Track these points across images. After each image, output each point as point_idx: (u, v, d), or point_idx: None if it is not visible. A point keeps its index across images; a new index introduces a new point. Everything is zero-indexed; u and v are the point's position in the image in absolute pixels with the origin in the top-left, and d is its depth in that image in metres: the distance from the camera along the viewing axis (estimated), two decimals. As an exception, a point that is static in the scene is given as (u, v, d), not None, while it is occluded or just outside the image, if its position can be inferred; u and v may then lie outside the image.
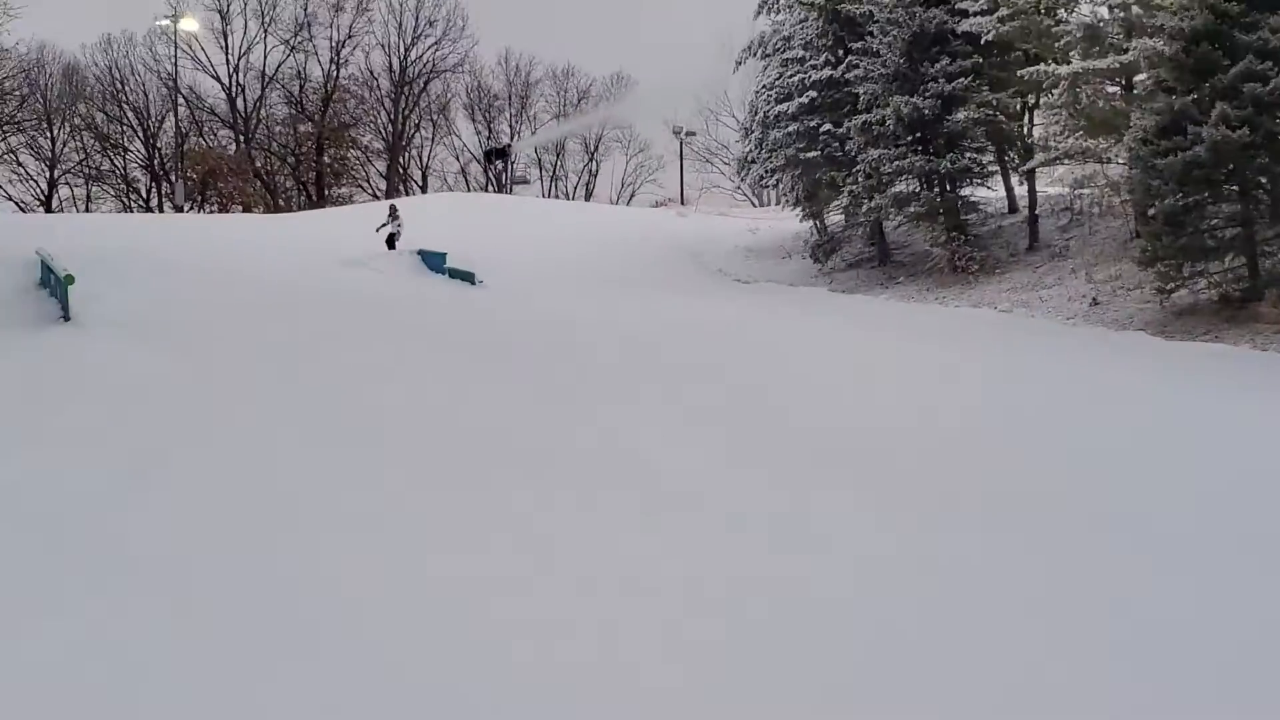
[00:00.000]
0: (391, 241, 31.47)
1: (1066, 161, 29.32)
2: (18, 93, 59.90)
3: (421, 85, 67.72)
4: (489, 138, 68.86)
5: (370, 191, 65.39)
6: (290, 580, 7.76)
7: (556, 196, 68.11)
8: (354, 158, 67.23)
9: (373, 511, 9.22)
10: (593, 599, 7.60)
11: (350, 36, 66.21)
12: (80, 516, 9.04)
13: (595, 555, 8.45)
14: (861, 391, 15.19)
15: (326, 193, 64.51)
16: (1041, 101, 30.51)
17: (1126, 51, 26.47)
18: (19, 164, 60.85)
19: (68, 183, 62.19)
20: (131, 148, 64.01)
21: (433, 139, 69.22)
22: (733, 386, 15.00)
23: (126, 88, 63.52)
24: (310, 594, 7.53)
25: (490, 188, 64.86)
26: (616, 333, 19.53)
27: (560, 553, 8.49)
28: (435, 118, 68.87)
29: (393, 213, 32.41)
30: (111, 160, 63.59)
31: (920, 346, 19.59)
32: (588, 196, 69.44)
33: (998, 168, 32.54)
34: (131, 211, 59.78)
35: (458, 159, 69.55)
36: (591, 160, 71.18)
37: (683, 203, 61.83)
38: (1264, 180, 22.37)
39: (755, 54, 39.84)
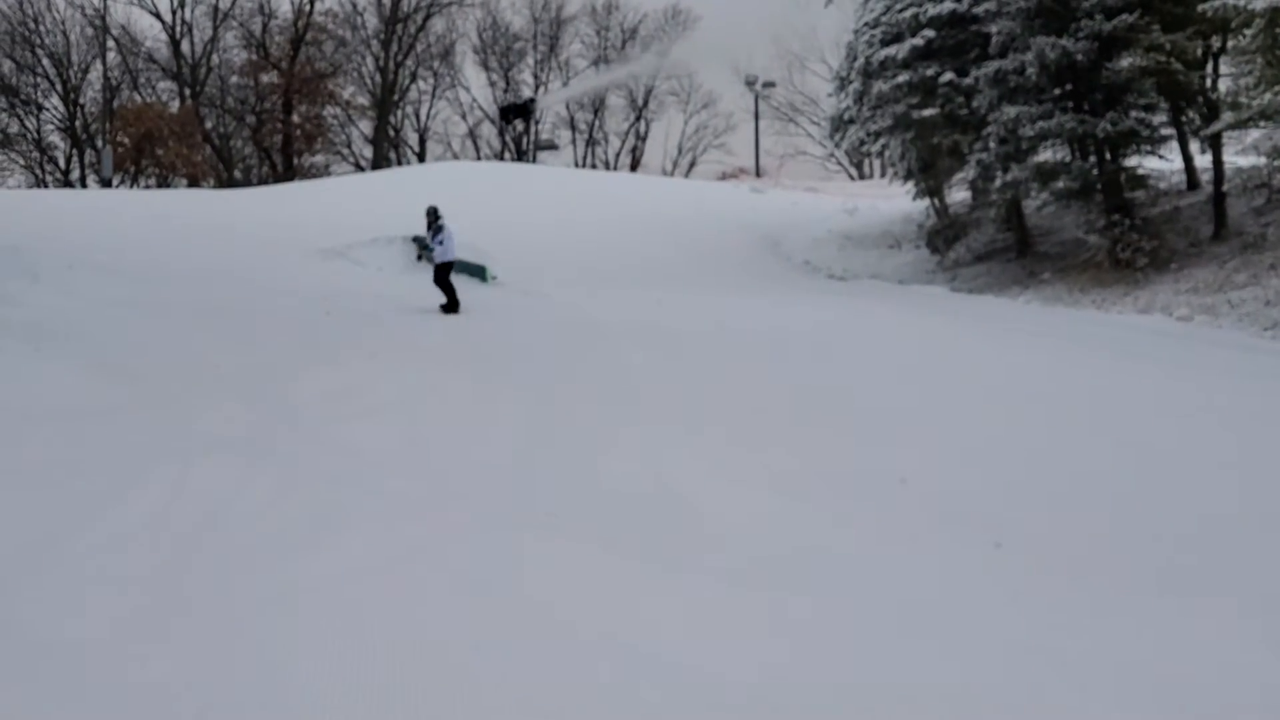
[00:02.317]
0: (424, 247, 28.30)
1: (1263, 124, 29.14)
2: (-98, 33, 60.76)
3: (419, 23, 68.22)
4: (506, 91, 69.27)
5: (353, 161, 66.19)
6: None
7: (593, 166, 68.40)
8: (332, 116, 67.71)
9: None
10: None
11: (327, -39, 66.70)
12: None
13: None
14: (1007, 439, 15.14)
15: (296, 161, 65.02)
16: (1230, 45, 30.39)
17: (1343, -22, 26.36)
18: (-97, 125, 61.72)
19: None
20: (47, 105, 65.00)
21: (433, 93, 69.91)
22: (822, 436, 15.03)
23: (41, 28, 64.39)
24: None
25: (508, 155, 65.35)
26: (674, 366, 19.46)
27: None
28: (436, 65, 69.49)
29: (433, 219, 24.09)
30: (22, 121, 64.48)
31: (1075, 369, 19.48)
32: (634, 166, 69.76)
33: (1173, 131, 32.36)
34: (46, 186, 60.53)
35: (465, 118, 70.19)
36: (639, 120, 71.51)
37: (758, 175, 61.97)
38: None
39: (854, -17, 39.97)
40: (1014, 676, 8.09)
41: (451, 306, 22.58)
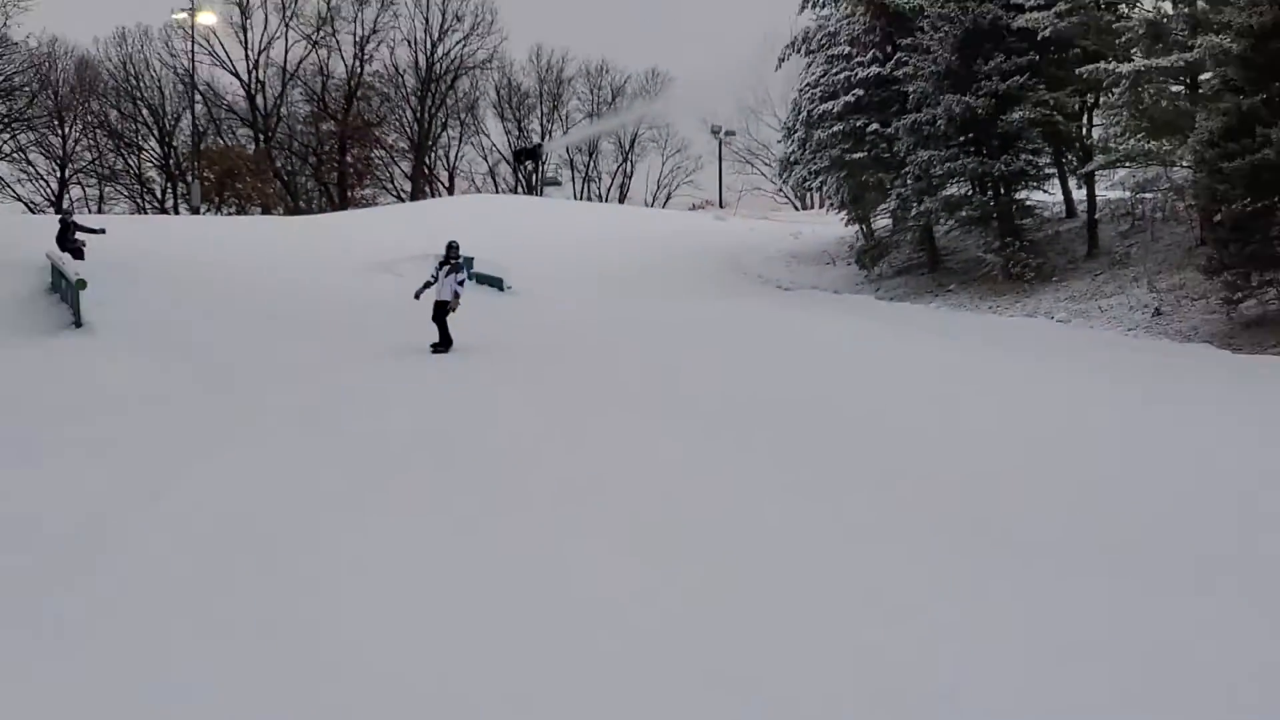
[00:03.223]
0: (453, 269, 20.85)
1: (1128, 164, 29.23)
2: (28, 89, 60.28)
3: (449, 82, 68.02)
4: (519, 137, 69.14)
5: (395, 193, 65.83)
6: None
7: (589, 199, 68.30)
8: (378, 157, 67.61)
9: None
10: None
11: (375, 31, 66.73)
12: (96, 528, 9.22)
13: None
14: (908, 406, 15.20)
15: (349, 194, 64.82)
16: (1101, 101, 30.48)
17: (1192, 49, 26.38)
18: (28, 163, 61.47)
19: (79, 182, 62.79)
20: (146, 146, 64.63)
21: (460, 138, 69.60)
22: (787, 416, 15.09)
23: (141, 84, 64.09)
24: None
25: (520, 189, 65.20)
26: (653, 360, 19.47)
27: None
28: (463, 116, 69.20)
29: (450, 254, 19.41)
30: (125, 159, 64.15)
31: (979, 360, 19.52)
32: (622, 199, 69.69)
33: (1055, 170, 32.45)
34: (145, 213, 60.20)
35: (486, 159, 69.97)
36: (626, 161, 71.54)
37: (721, 206, 61.97)
38: (1339, 184, 22.31)
39: (799, 50, 39.82)
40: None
41: (445, 344, 18.25)
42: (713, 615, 7.65)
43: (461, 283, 18.92)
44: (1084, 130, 31.65)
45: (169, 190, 63.89)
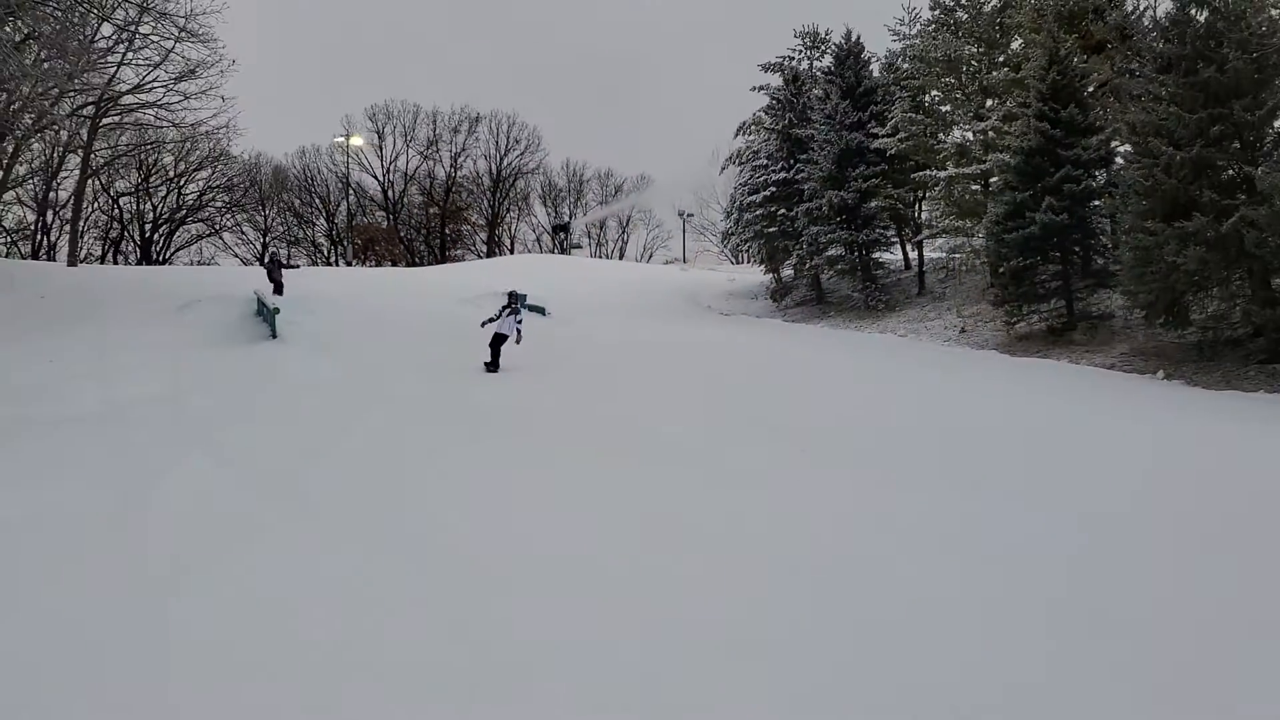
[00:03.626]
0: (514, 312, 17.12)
1: (944, 235, 29.25)
2: (242, 185, 60.46)
3: (511, 182, 67.86)
4: (554, 217, 68.93)
5: (476, 253, 65.58)
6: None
7: (600, 256, 68.09)
8: (465, 230, 67.44)
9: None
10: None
11: (463, 150, 66.45)
12: (285, 468, 9.20)
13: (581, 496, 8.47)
14: (813, 390, 15.19)
15: (447, 253, 64.65)
16: (927, 195, 30.51)
17: (985, 162, 26.48)
18: (243, 232, 61.56)
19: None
20: (317, 222, 64.41)
21: (518, 218, 69.33)
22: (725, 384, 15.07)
23: (315, 182, 63.89)
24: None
25: (556, 250, 64.86)
26: (638, 344, 19.60)
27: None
28: (519, 204, 69.02)
29: (511, 300, 17.09)
30: (304, 230, 63.99)
31: (855, 360, 19.67)
32: (620, 256, 69.45)
33: (897, 239, 32.51)
34: (317, 265, 60.02)
35: (534, 231, 69.72)
36: (623, 232, 71.13)
37: (684, 261, 61.71)
38: (1077, 249, 22.44)
39: (734, 162, 39.79)
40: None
41: (494, 366, 16.09)
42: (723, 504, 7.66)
43: (520, 322, 16.70)
44: (916, 213, 31.67)
45: (332, 250, 63.63)
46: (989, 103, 28.13)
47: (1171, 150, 18.18)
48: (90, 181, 44.76)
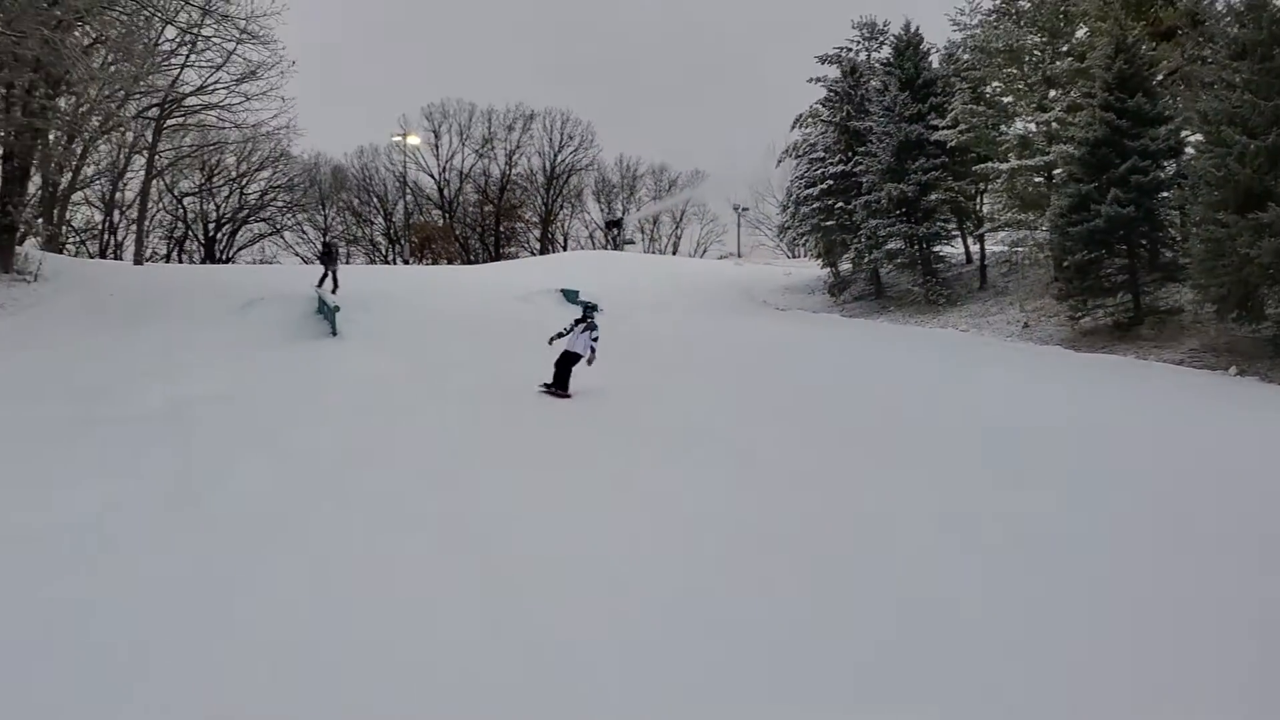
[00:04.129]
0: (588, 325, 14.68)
1: (1006, 229, 28.81)
2: (302, 185, 61.55)
3: (564, 179, 68.17)
4: (607, 213, 69.12)
5: (529, 250, 65.98)
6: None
7: (652, 252, 68.10)
8: (519, 227, 67.93)
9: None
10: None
11: (518, 148, 66.95)
12: (343, 465, 9.37)
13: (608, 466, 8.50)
14: (879, 383, 15.10)
15: (501, 250, 65.17)
16: (988, 188, 30.07)
17: (1048, 154, 26.05)
18: (303, 232, 62.70)
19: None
20: (375, 221, 65.33)
21: (571, 214, 69.64)
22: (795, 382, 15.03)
23: (373, 181, 64.87)
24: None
25: (608, 247, 65.01)
26: (695, 340, 19.61)
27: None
28: (573, 201, 69.32)
29: (587, 313, 14.66)
30: (362, 229, 64.94)
31: (917, 356, 19.53)
32: (674, 252, 69.36)
33: (959, 233, 32.02)
34: (375, 263, 60.83)
35: (587, 227, 69.91)
36: (677, 228, 70.98)
37: (739, 256, 61.51)
38: (1144, 242, 21.98)
39: (790, 155, 39.60)
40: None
41: (561, 388, 13.65)
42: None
43: (596, 339, 14.17)
44: (978, 206, 31.20)
45: (389, 249, 64.49)
46: (1052, 93, 27.66)
47: (1246, 139, 17.74)
48: (155, 182, 45.80)
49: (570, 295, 29.41)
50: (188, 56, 34.11)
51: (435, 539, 7.19)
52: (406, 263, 58.12)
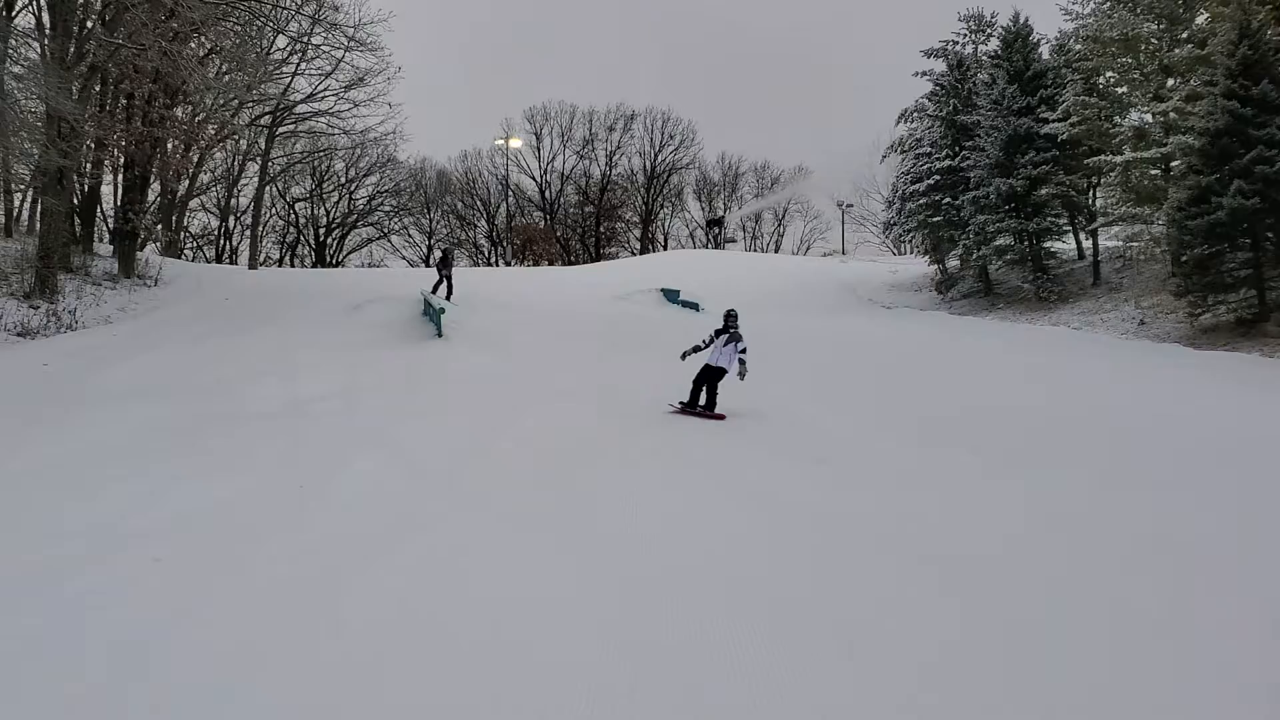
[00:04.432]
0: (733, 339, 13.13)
1: (1120, 223, 27.95)
2: (408, 189, 63.25)
3: (665, 178, 68.48)
4: (708, 212, 69.11)
5: (630, 250, 66.42)
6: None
7: (755, 251, 67.83)
8: (620, 227, 68.43)
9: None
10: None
11: (618, 148, 67.59)
12: (451, 463, 9.70)
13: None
14: (984, 382, 14.89)
15: (602, 250, 65.76)
16: (1102, 181, 29.22)
17: (1165, 145, 25.22)
18: (409, 235, 64.34)
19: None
20: (479, 224, 66.69)
21: (671, 214, 69.91)
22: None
23: (476, 185, 66.30)
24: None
25: (709, 246, 65.03)
26: (803, 340, 19.54)
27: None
28: (673, 200, 69.56)
29: (729, 323, 12.71)
30: (466, 232, 66.30)
31: (1034, 356, 19.11)
32: (776, 250, 68.99)
33: (1070, 228, 31.15)
34: (478, 265, 62.06)
35: (687, 226, 70.09)
36: (779, 225, 70.64)
37: (843, 253, 60.85)
38: (1270, 235, 21.11)
39: (896, 150, 39.18)
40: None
41: (708, 407, 12.22)
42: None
43: (744, 350, 12.41)
44: (1090, 200, 30.32)
45: (492, 251, 65.78)
46: (1169, 82, 26.74)
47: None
48: (268, 188, 47.68)
49: (671, 295, 29.56)
50: (298, 65, 35.51)
51: (560, 539, 7.20)
52: (509, 264, 59.23)
